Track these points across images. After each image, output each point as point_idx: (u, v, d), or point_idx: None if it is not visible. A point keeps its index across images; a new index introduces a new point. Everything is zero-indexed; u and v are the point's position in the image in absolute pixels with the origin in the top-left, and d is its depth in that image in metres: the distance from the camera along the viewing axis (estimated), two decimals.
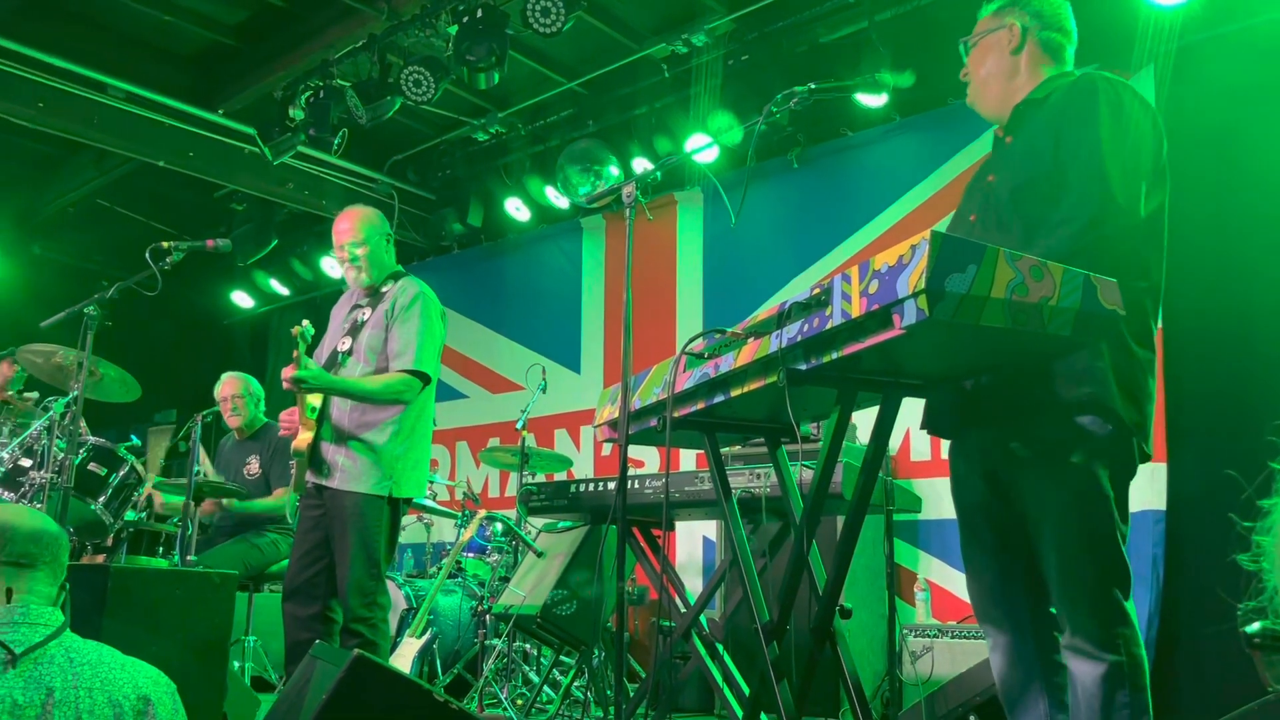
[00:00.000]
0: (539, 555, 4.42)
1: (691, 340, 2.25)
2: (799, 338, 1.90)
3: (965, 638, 4.01)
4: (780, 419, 2.45)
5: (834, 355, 1.86)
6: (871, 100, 5.40)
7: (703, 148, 5.41)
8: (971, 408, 2.17)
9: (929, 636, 4.11)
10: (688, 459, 5.48)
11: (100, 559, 4.57)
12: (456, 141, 7.21)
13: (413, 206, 7.66)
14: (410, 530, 6.19)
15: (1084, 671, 1.98)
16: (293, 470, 3.47)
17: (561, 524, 4.65)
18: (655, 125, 6.09)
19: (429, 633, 4.03)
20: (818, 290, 1.87)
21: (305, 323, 3.34)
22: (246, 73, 6.23)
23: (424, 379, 3.49)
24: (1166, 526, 4.38)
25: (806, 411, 2.42)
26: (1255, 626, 2.12)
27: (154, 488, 4.89)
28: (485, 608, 4.94)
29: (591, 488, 3.83)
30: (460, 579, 5.52)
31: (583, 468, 6.57)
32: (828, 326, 1.83)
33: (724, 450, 3.36)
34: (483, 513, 4.93)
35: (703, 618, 3.16)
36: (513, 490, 6.20)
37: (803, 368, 1.93)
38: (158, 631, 2.96)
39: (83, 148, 7.10)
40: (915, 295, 1.64)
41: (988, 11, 2.38)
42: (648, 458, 5.97)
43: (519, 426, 5.20)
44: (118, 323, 3.82)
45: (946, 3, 4.90)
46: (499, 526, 5.46)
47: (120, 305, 3.70)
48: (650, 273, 6.55)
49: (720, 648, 3.12)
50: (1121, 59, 4.62)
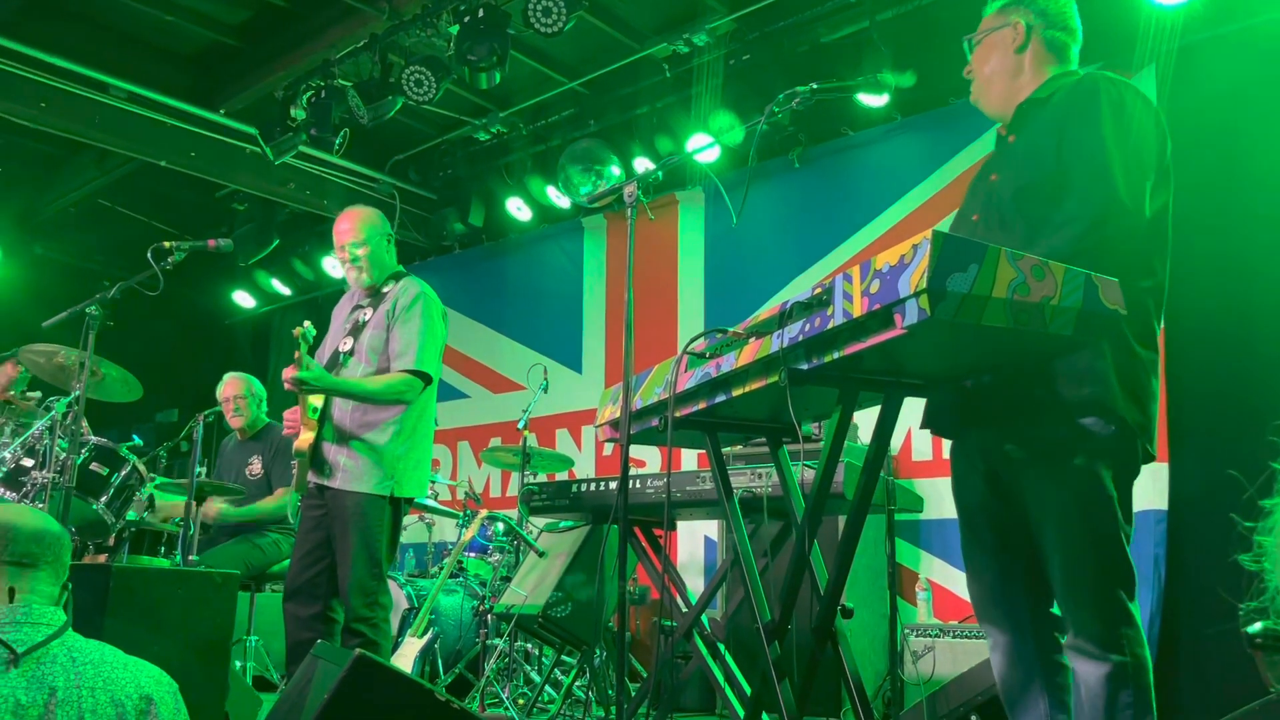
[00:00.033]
0: (540, 555, 4.42)
1: (693, 340, 2.25)
2: (800, 337, 1.90)
3: (966, 637, 4.01)
4: (782, 419, 2.45)
5: (835, 355, 1.86)
6: (873, 100, 5.40)
7: (704, 147, 5.40)
8: (973, 407, 2.17)
9: (930, 636, 4.11)
10: (689, 459, 5.47)
11: (102, 559, 4.56)
12: (458, 141, 7.21)
13: (414, 206, 7.66)
14: (412, 530, 6.20)
15: (1088, 672, 1.98)
16: (294, 470, 3.47)
17: (563, 524, 4.65)
18: (656, 125, 6.09)
19: (431, 632, 4.03)
20: (819, 290, 1.87)
21: (307, 324, 3.34)
22: (248, 72, 6.24)
23: (425, 379, 3.49)
24: (1168, 526, 4.38)
25: (808, 411, 2.42)
26: (1257, 626, 2.12)
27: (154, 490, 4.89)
28: (487, 607, 4.93)
29: (593, 487, 3.83)
30: (462, 579, 5.52)
31: (584, 467, 6.56)
32: (829, 326, 1.83)
33: (725, 450, 3.35)
34: (484, 512, 4.92)
35: (704, 617, 3.16)
36: (514, 490, 6.19)
37: (804, 367, 1.93)
38: (160, 631, 2.97)
39: (84, 148, 7.11)
40: (917, 295, 1.64)
41: (993, 9, 2.37)
42: (649, 457, 5.97)
43: (520, 426, 5.20)
44: (119, 323, 3.81)
45: (948, 2, 4.90)
46: (500, 526, 5.45)
47: (122, 305, 3.70)
48: (652, 272, 6.54)
49: (722, 647, 3.11)
50: (1123, 59, 4.62)
